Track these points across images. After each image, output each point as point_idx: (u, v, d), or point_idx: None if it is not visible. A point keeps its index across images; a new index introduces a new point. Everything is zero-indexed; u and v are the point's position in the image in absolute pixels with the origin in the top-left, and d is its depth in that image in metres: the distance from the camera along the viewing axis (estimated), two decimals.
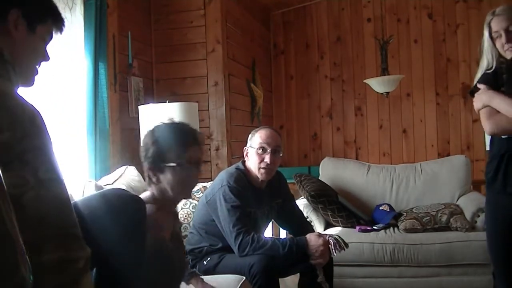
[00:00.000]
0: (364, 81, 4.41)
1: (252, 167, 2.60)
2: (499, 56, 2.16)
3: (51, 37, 1.44)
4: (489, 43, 2.15)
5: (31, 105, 1.21)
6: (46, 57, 1.43)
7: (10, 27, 1.30)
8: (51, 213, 1.19)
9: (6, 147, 1.12)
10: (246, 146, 2.67)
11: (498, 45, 2.13)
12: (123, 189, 1.80)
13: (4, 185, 0.98)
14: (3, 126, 1.11)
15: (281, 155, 2.65)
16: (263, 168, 2.57)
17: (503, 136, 2.11)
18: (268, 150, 2.58)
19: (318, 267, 2.52)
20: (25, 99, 1.21)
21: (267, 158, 2.56)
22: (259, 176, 2.60)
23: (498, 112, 2.07)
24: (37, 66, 1.42)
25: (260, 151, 2.58)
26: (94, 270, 1.60)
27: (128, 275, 1.61)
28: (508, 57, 2.12)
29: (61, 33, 1.46)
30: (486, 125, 2.10)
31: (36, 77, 1.44)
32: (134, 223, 1.60)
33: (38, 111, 1.21)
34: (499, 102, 2.06)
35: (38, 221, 1.15)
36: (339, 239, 2.55)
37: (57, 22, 1.44)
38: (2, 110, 1.13)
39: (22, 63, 1.36)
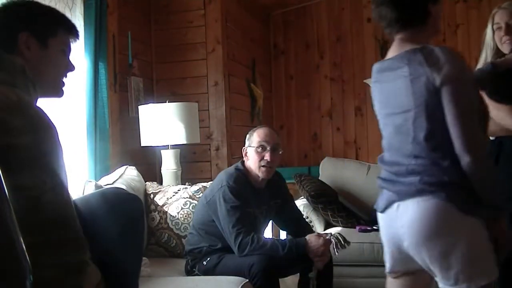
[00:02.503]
0: (364, 81, 4.40)
1: (253, 166, 2.60)
2: (497, 51, 2.20)
3: (69, 47, 1.51)
4: (490, 36, 2.20)
5: (47, 115, 1.31)
6: (70, 67, 1.52)
7: (22, 49, 1.40)
8: (68, 216, 1.27)
9: (27, 149, 1.21)
10: (244, 146, 2.68)
11: (497, 38, 2.18)
12: (122, 188, 1.81)
13: (4, 185, 0.98)
14: (26, 130, 1.22)
15: (280, 152, 2.66)
16: (263, 166, 2.58)
17: (491, 138, 2.20)
18: (268, 148, 2.59)
19: (316, 265, 2.53)
20: (43, 110, 1.31)
21: (267, 156, 2.58)
22: (259, 174, 2.60)
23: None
24: (62, 78, 1.50)
25: (259, 149, 2.59)
26: None
27: (126, 274, 1.62)
28: (505, 51, 2.16)
29: (77, 39, 1.54)
30: None
31: (65, 88, 1.52)
32: (132, 222, 1.61)
33: (52, 121, 1.31)
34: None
35: (57, 223, 1.23)
36: (340, 237, 2.56)
37: (68, 30, 1.51)
38: (24, 117, 1.24)
39: (43, 77, 1.45)
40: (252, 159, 2.61)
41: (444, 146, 1.58)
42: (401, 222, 1.63)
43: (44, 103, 1.44)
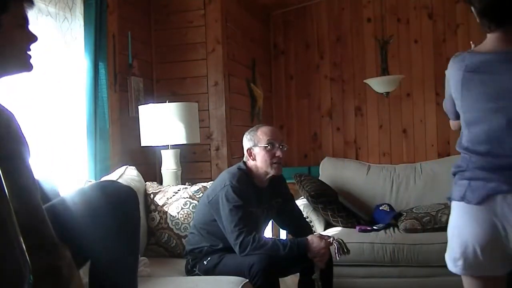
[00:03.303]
0: (364, 81, 4.40)
1: (262, 165, 2.60)
2: None
3: (26, 18, 1.38)
4: None
5: (7, 109, 1.19)
6: (32, 38, 1.39)
7: None
8: (34, 222, 1.17)
9: None
10: (247, 147, 2.65)
11: None
12: (117, 181, 1.80)
13: (4, 186, 0.98)
14: None
15: (285, 149, 2.67)
16: (276, 163, 2.60)
17: None
18: (277, 145, 2.60)
19: (318, 265, 2.53)
20: (1, 104, 1.19)
21: (278, 153, 2.60)
22: (272, 172, 2.61)
23: None
24: (26, 52, 1.38)
25: (269, 147, 2.59)
26: (90, 261, 1.61)
27: (122, 264, 1.61)
28: None
29: (33, 5, 1.41)
30: None
31: (32, 60, 1.40)
32: (128, 213, 1.61)
33: (13, 115, 1.20)
34: None
35: (25, 229, 1.11)
36: (342, 243, 2.57)
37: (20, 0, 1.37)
38: None
39: (6, 58, 1.33)
40: (261, 158, 2.60)
41: None
42: None
43: (44, 103, 1.39)
